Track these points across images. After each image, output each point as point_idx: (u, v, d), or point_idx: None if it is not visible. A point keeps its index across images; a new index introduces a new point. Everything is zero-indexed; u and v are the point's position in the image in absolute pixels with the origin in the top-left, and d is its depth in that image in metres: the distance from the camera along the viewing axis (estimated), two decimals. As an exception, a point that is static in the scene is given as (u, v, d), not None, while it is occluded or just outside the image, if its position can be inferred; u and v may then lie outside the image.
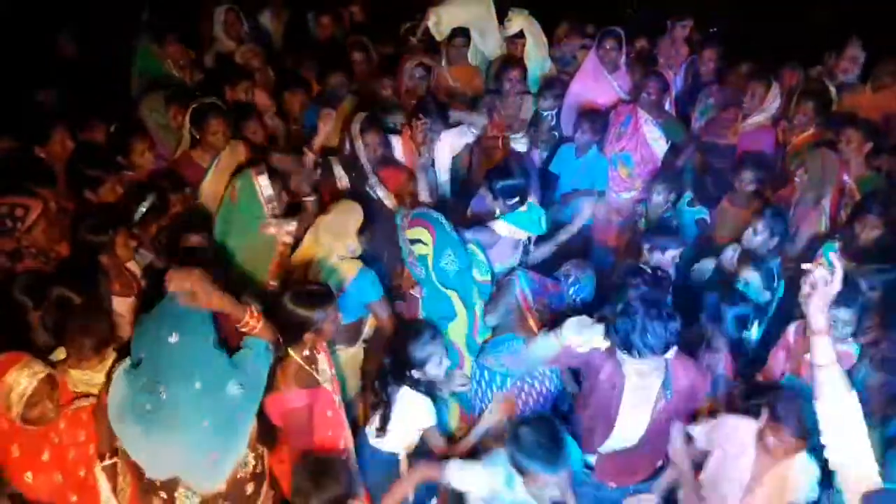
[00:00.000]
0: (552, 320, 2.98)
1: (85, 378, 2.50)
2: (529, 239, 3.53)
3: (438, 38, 5.10)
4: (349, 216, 3.19)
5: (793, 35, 5.96)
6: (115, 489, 2.53)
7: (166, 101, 4.16)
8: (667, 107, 4.66)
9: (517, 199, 3.31)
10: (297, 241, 3.32)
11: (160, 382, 2.25)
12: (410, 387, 2.81)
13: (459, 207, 3.92)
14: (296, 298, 2.55)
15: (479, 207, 3.71)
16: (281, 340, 2.50)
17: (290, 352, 2.55)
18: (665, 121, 4.46)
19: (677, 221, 4.09)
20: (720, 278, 3.53)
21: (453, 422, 3.23)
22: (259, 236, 3.22)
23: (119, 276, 3.07)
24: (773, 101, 4.43)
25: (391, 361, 2.85)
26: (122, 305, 2.98)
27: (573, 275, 3.22)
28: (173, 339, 2.24)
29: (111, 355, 2.56)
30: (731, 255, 3.60)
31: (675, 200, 4.12)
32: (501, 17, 5.28)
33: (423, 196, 3.60)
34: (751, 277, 3.25)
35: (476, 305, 3.12)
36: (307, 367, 2.58)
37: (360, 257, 3.23)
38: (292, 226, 3.26)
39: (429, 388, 2.89)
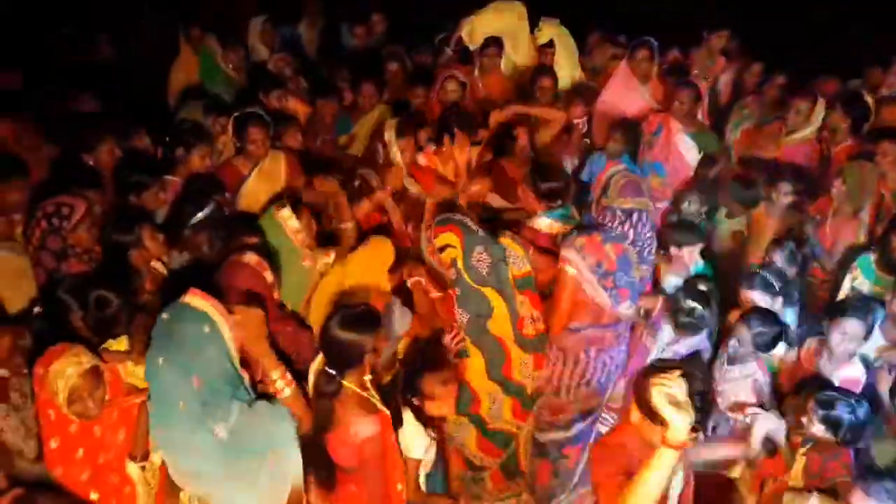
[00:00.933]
0: None
1: (138, 371, 2.53)
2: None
3: (471, 47, 5.14)
4: (380, 254, 3.17)
5: (791, 34, 5.89)
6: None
7: (204, 111, 4.25)
8: (699, 117, 4.63)
9: (560, 201, 3.37)
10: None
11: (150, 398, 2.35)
12: (411, 410, 2.70)
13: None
14: (344, 324, 2.39)
15: None
16: (332, 376, 2.40)
17: (345, 382, 2.40)
18: (697, 130, 4.44)
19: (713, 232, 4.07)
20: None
21: (506, 414, 3.20)
22: (298, 270, 3.17)
23: (150, 273, 3.12)
24: (819, 115, 4.37)
25: (404, 378, 2.77)
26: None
27: (617, 214, 3.16)
28: (160, 360, 2.28)
29: None
30: None
31: (708, 212, 4.10)
32: (533, 27, 5.31)
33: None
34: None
35: (515, 298, 3.09)
36: (364, 394, 2.45)
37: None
38: (331, 257, 3.22)
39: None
